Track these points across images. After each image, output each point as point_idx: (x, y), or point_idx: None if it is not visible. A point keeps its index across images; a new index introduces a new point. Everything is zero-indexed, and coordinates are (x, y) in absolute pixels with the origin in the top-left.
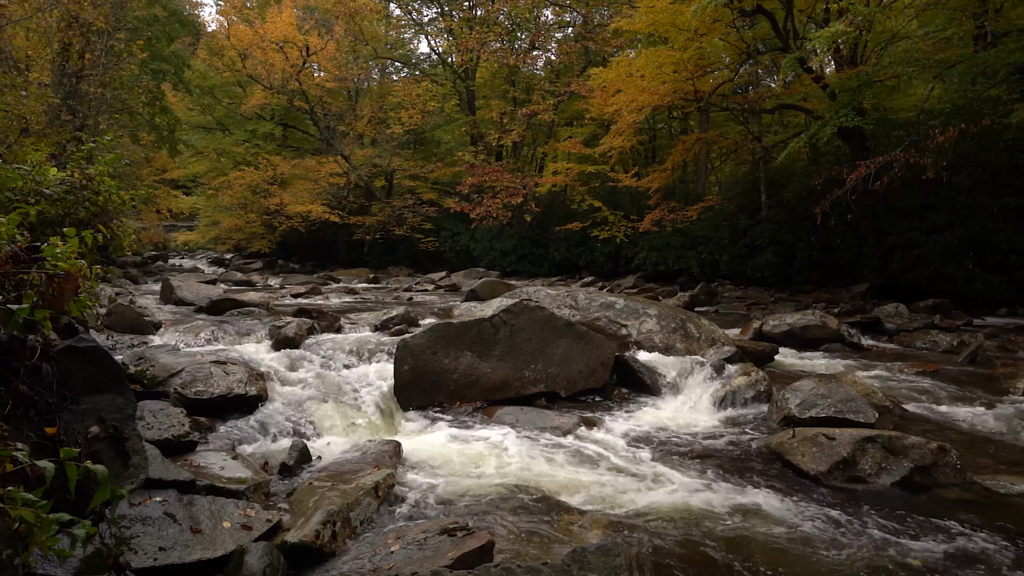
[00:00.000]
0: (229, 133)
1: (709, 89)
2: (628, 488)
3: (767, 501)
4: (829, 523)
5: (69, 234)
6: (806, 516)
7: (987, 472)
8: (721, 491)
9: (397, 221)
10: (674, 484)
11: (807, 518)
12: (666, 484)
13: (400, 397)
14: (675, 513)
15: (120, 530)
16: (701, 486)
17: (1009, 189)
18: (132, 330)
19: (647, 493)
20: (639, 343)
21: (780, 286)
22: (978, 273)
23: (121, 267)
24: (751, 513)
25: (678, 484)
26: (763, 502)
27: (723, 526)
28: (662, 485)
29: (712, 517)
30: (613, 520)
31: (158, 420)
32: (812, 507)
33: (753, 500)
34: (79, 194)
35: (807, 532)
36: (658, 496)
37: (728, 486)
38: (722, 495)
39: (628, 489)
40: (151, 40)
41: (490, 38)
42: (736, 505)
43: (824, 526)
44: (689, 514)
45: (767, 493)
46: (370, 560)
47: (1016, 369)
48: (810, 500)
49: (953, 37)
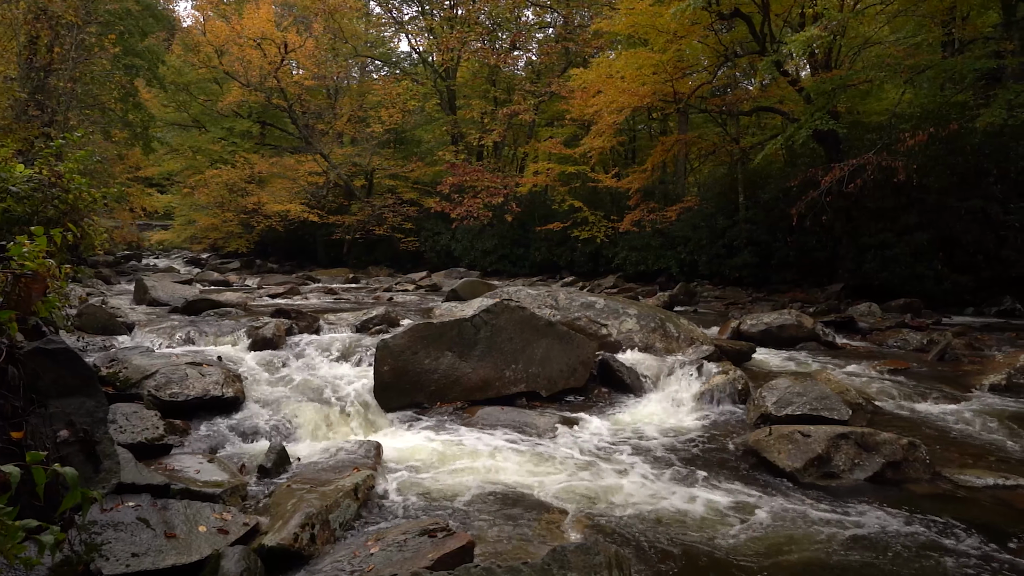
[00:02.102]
0: (205, 130)
1: (688, 91)
2: (608, 487)
3: (744, 498)
4: (804, 519)
5: (37, 232)
6: (782, 512)
7: (955, 466)
8: (699, 489)
9: (377, 221)
10: (653, 482)
11: (783, 514)
12: (646, 482)
13: (380, 398)
14: (654, 511)
15: (90, 536)
16: (680, 484)
17: (975, 192)
18: (104, 331)
19: (627, 492)
20: (619, 343)
21: (757, 286)
22: (947, 273)
23: (93, 267)
24: (729, 510)
25: (657, 482)
26: (740, 499)
27: (701, 523)
28: (642, 484)
29: (691, 515)
30: (593, 519)
31: (131, 423)
32: (788, 503)
33: (731, 497)
34: (47, 192)
35: (783, 528)
36: (638, 494)
37: (706, 484)
38: (700, 493)
39: (608, 488)
40: (124, 34)
41: (471, 38)
42: (714, 502)
43: (800, 522)
44: (668, 512)
45: (744, 490)
46: (349, 562)
47: (982, 366)
48: (786, 496)
49: (923, 43)
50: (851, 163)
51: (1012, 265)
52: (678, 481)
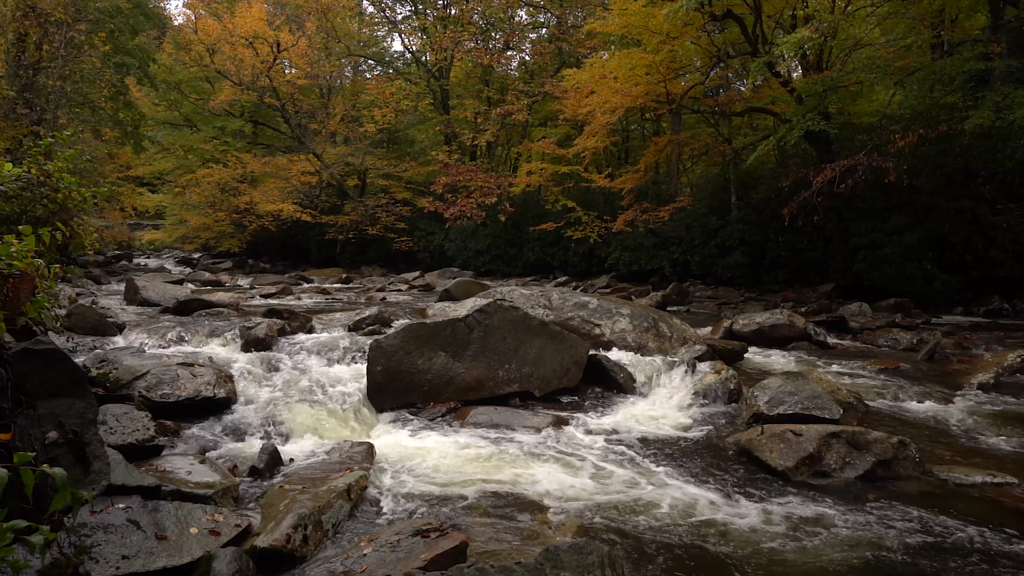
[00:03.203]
0: (197, 130)
1: (681, 91)
2: (601, 486)
3: (737, 497)
4: (796, 517)
5: (25, 232)
6: (774, 511)
7: (944, 464)
8: (692, 488)
9: (370, 220)
10: (646, 482)
11: (775, 513)
12: (638, 482)
13: (373, 398)
14: (647, 510)
15: (80, 539)
16: (672, 483)
17: (964, 192)
18: (94, 332)
19: (620, 491)
20: (612, 342)
21: (750, 286)
22: (936, 273)
23: (83, 267)
24: (721, 509)
25: (650, 482)
26: (733, 498)
27: (694, 523)
28: (634, 483)
29: (683, 514)
30: (586, 518)
31: (121, 424)
32: (780, 502)
33: (723, 497)
34: (36, 191)
35: (775, 527)
36: (630, 494)
37: (699, 483)
38: (693, 492)
39: (601, 487)
40: (114, 33)
41: (464, 37)
42: (707, 502)
43: (792, 520)
44: (660, 511)
45: (737, 489)
46: (342, 563)
47: (971, 365)
48: (778, 495)
49: (913, 45)
50: (842, 164)
51: (1000, 265)
52: (670, 480)
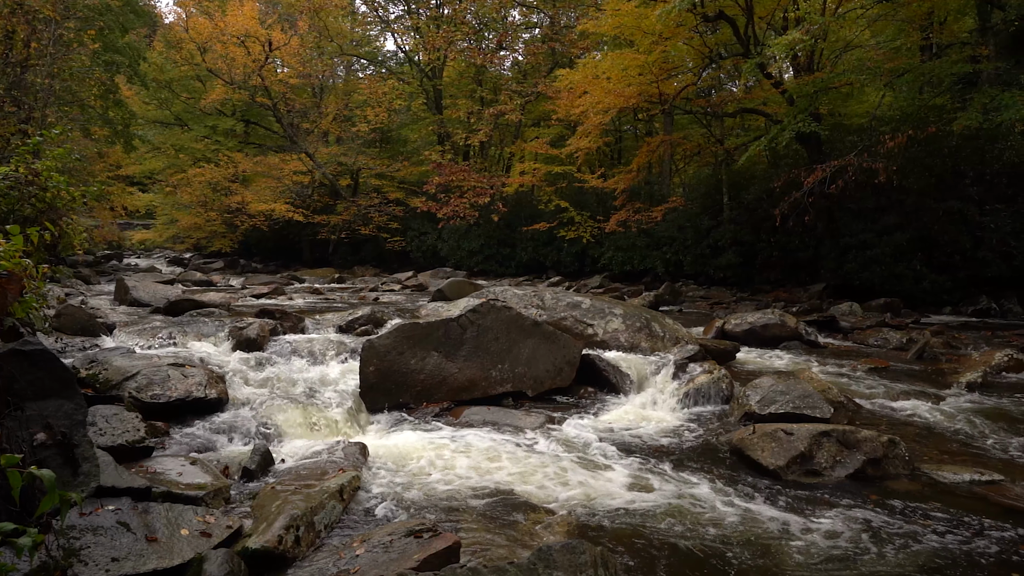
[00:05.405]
0: (188, 129)
1: (673, 92)
2: (594, 486)
3: (728, 496)
4: (788, 516)
5: (13, 231)
6: (766, 510)
7: (933, 463)
8: (684, 487)
9: (363, 220)
10: (638, 481)
11: (767, 512)
12: (631, 481)
13: (366, 398)
14: (640, 510)
15: (69, 541)
16: (665, 483)
17: (952, 193)
18: (84, 332)
19: (612, 491)
20: (605, 342)
21: (741, 285)
22: (925, 273)
23: (72, 266)
24: (713, 508)
25: (642, 481)
26: (724, 497)
27: (686, 522)
28: (627, 482)
29: (676, 513)
30: (579, 518)
31: (111, 425)
32: (772, 501)
33: (715, 495)
34: (24, 190)
35: (767, 525)
36: (623, 494)
37: (691, 483)
38: (685, 491)
39: (594, 487)
40: (103, 30)
41: (457, 37)
42: (698, 500)
43: (783, 519)
44: (653, 511)
45: (728, 488)
46: (335, 564)
47: (959, 365)
48: (769, 494)
49: (902, 47)
50: (833, 164)
51: (988, 265)
52: (663, 479)
